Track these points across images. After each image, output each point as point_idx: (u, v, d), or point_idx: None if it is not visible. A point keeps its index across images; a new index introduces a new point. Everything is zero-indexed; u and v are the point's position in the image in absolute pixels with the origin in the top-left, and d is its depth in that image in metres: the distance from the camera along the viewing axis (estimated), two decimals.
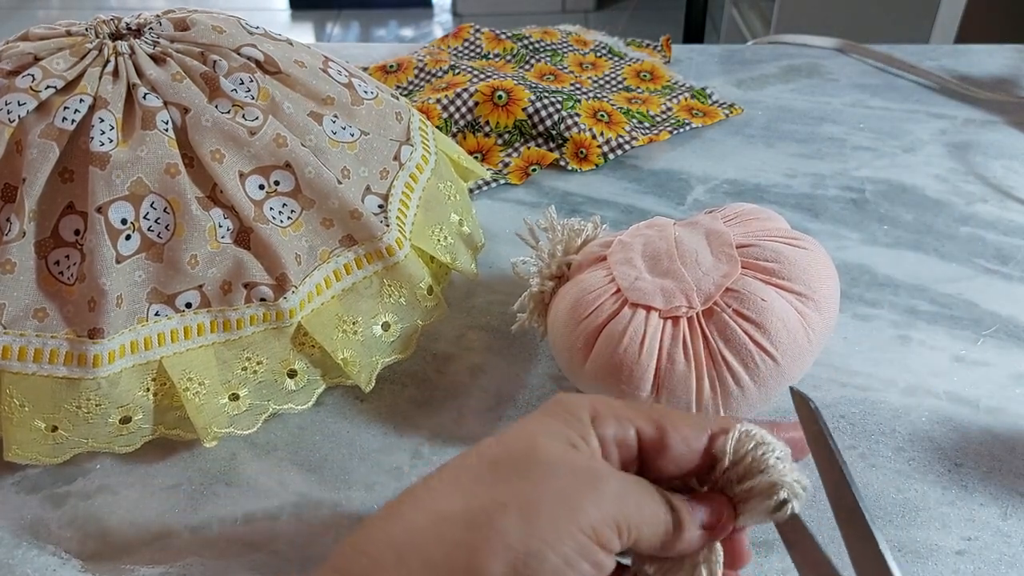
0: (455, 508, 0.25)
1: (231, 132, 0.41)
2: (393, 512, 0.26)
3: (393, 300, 0.46)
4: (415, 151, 0.49)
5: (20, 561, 0.40)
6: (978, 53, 0.85)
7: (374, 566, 0.25)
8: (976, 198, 0.63)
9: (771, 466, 0.28)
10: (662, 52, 0.85)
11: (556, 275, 0.46)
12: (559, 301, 0.44)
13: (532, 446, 0.27)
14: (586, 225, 0.48)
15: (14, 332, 0.40)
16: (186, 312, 0.41)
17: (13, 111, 0.40)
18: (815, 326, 0.41)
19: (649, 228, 0.46)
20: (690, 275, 0.42)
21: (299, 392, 0.45)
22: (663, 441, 0.28)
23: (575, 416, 0.28)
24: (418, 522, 0.25)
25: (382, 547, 0.25)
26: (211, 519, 0.42)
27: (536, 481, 0.26)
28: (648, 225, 0.46)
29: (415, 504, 0.26)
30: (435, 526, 0.25)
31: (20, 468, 0.44)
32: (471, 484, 0.26)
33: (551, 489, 0.25)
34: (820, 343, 0.42)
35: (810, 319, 0.41)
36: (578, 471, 0.26)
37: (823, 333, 0.42)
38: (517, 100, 0.69)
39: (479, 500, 0.25)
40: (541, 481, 0.26)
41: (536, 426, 0.28)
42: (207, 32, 0.43)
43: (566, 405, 0.28)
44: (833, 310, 0.43)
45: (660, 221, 0.46)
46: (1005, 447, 0.44)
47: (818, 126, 0.73)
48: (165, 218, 0.40)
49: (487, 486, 0.26)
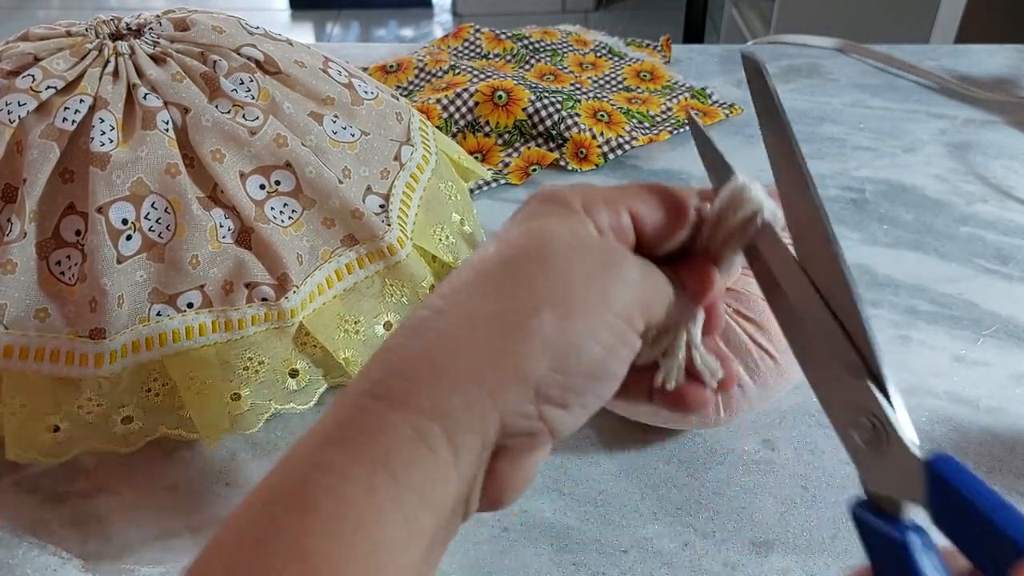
0: (487, 312, 0.24)
1: (231, 132, 0.41)
2: (418, 328, 0.25)
3: (395, 299, 0.46)
4: (416, 151, 0.49)
5: (20, 561, 0.40)
6: (978, 53, 0.85)
7: (412, 385, 0.23)
8: (976, 198, 0.63)
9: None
10: (662, 52, 0.85)
11: None
12: None
13: (544, 238, 0.25)
14: None
15: (16, 332, 0.40)
16: (188, 312, 0.41)
17: (13, 111, 0.40)
18: None
19: None
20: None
21: (301, 392, 0.45)
22: (655, 218, 0.28)
23: (569, 207, 0.27)
24: (450, 332, 0.24)
25: (416, 363, 0.24)
26: (211, 519, 0.42)
27: (562, 271, 0.25)
28: None
29: (440, 316, 0.25)
30: (470, 335, 0.24)
31: (20, 468, 0.44)
32: (496, 288, 0.25)
33: (578, 277, 0.25)
34: None
35: None
36: (598, 253, 0.26)
37: None
38: (517, 100, 0.69)
39: (509, 303, 0.24)
40: (567, 271, 0.25)
41: (539, 220, 0.26)
42: (207, 32, 0.43)
43: (556, 197, 0.27)
44: None
45: None
46: (1005, 447, 0.44)
47: (818, 126, 0.73)
48: (166, 218, 0.40)
49: (513, 287, 0.25)
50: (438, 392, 0.23)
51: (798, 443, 0.45)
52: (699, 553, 0.39)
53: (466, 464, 0.23)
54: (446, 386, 0.23)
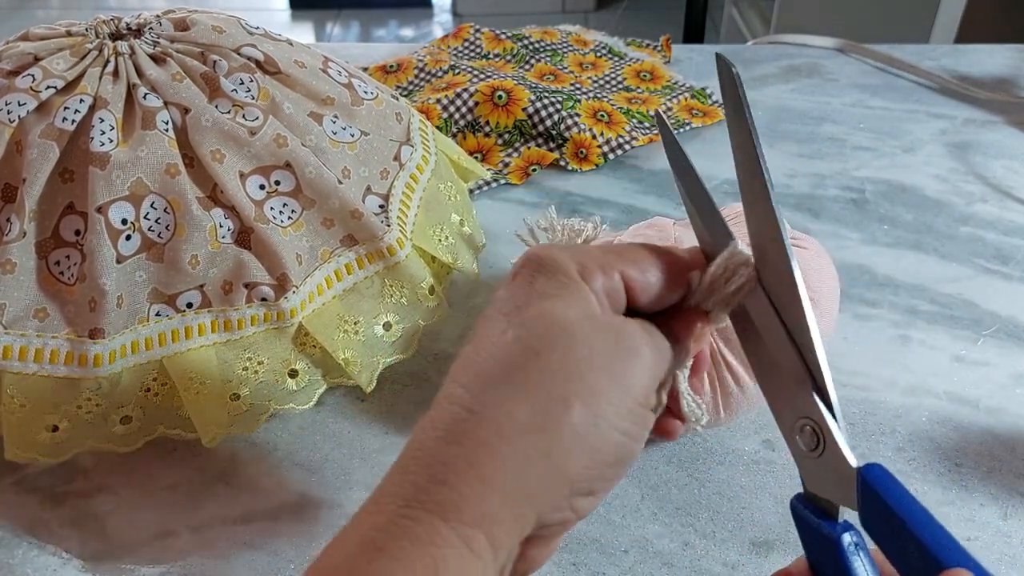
0: (523, 414, 0.25)
1: (231, 132, 0.41)
2: (456, 432, 0.25)
3: (394, 300, 0.46)
4: (415, 151, 0.49)
5: (20, 561, 0.40)
6: (978, 53, 0.85)
7: (459, 496, 0.24)
8: (976, 198, 0.63)
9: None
10: (662, 52, 0.85)
11: None
12: None
13: (562, 324, 0.26)
14: (586, 225, 0.48)
15: (15, 332, 0.40)
16: (187, 312, 0.41)
17: (13, 111, 0.40)
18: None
19: (649, 228, 0.46)
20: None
21: (300, 392, 0.45)
22: (647, 282, 0.28)
23: (569, 277, 0.27)
24: (490, 440, 0.24)
25: (462, 472, 0.24)
26: (211, 519, 0.42)
27: (584, 360, 0.25)
28: (648, 225, 0.46)
29: (477, 420, 0.25)
30: (510, 440, 0.24)
31: (20, 468, 0.44)
32: (525, 384, 0.25)
33: (600, 363, 0.25)
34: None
35: None
36: (612, 335, 0.26)
37: (824, 333, 0.42)
38: (517, 100, 0.69)
39: (542, 401, 0.25)
40: (588, 358, 0.25)
41: (548, 301, 0.27)
42: (207, 32, 0.43)
43: (554, 267, 0.27)
44: (833, 309, 0.43)
45: (660, 222, 0.46)
46: (1005, 447, 0.44)
47: (818, 126, 0.73)
48: (165, 218, 0.40)
49: (541, 381, 0.25)
50: (485, 502, 0.24)
51: None
52: (699, 553, 0.39)
53: (502, 558, 0.25)
54: (491, 495, 0.24)
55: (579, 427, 0.25)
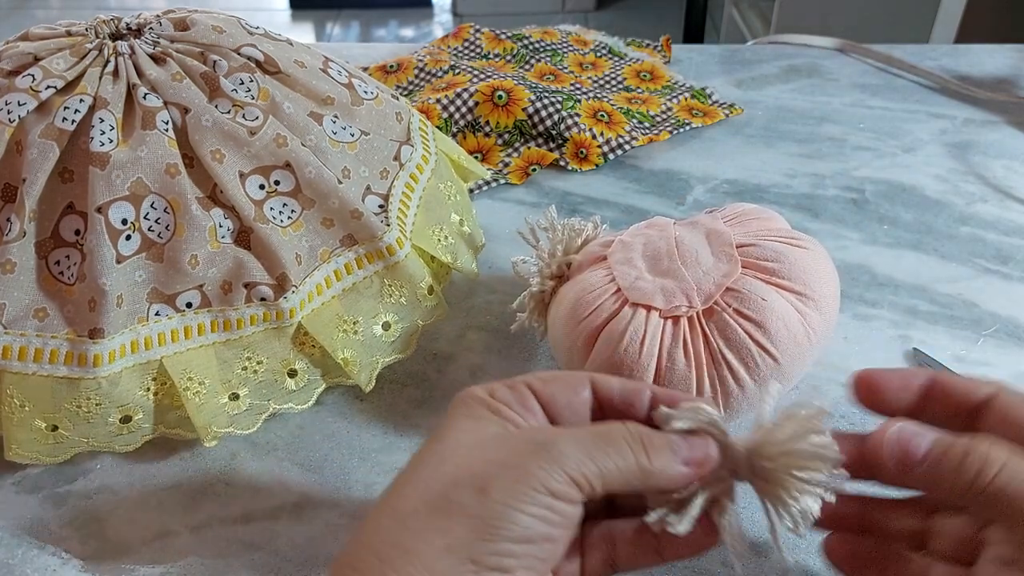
0: (417, 499, 0.29)
1: (231, 132, 0.41)
2: (373, 515, 0.29)
3: (393, 300, 0.46)
4: (415, 151, 0.49)
5: (20, 561, 0.40)
6: (978, 53, 0.85)
7: (381, 564, 0.27)
8: (976, 198, 0.63)
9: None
10: (662, 52, 0.85)
11: (556, 275, 0.46)
12: (559, 300, 0.44)
13: (450, 430, 0.31)
14: (586, 225, 0.48)
15: (14, 332, 0.40)
16: (186, 312, 0.41)
17: (13, 111, 0.40)
18: (815, 326, 0.41)
19: (649, 228, 0.46)
20: (690, 275, 0.42)
21: (299, 392, 0.45)
22: (550, 393, 0.32)
23: (478, 401, 0.32)
24: (393, 524, 0.28)
25: (377, 546, 0.28)
26: (211, 519, 0.42)
27: (474, 457, 0.29)
28: (648, 225, 0.46)
29: (386, 506, 0.29)
30: (406, 519, 0.28)
31: (20, 468, 0.44)
32: (418, 479, 0.30)
33: (493, 459, 0.29)
34: (821, 343, 0.42)
35: (810, 319, 0.41)
36: (519, 443, 0.29)
37: (823, 333, 0.42)
38: (517, 100, 0.69)
39: (434, 489, 0.29)
40: (479, 456, 0.29)
41: (454, 419, 0.32)
42: (207, 32, 0.43)
43: (467, 397, 0.32)
44: (833, 310, 0.43)
45: (660, 221, 0.46)
46: None
47: (818, 126, 0.73)
48: (165, 218, 0.40)
49: (433, 474, 0.29)
50: (396, 569, 0.27)
51: None
52: None
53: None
54: (399, 565, 0.27)
55: (465, 501, 0.28)
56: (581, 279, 0.44)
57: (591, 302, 0.42)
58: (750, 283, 0.41)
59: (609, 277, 0.43)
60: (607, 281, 0.43)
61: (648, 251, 0.44)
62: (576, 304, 0.42)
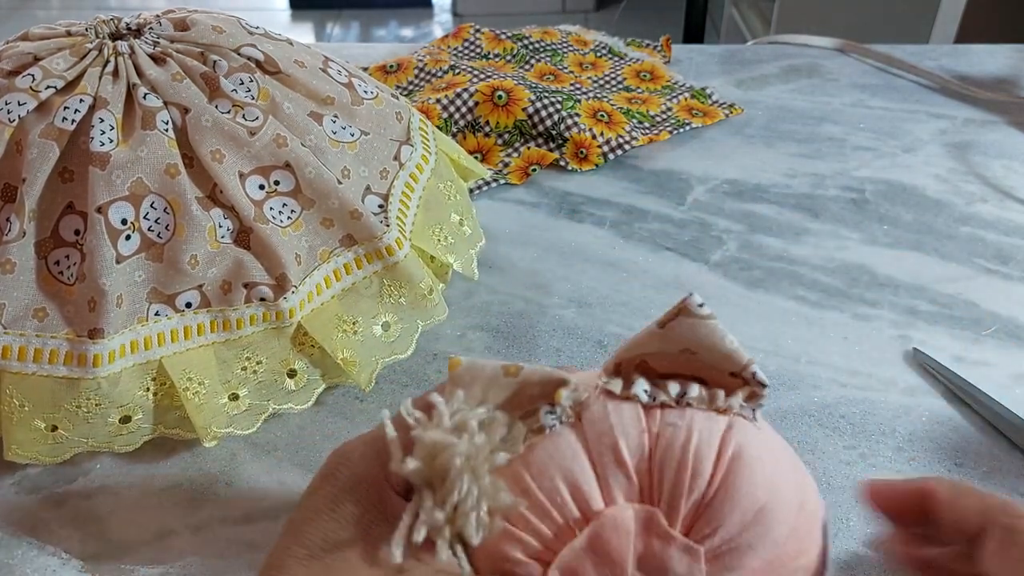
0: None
1: (231, 132, 0.41)
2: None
3: (393, 300, 0.46)
4: (415, 151, 0.49)
5: (20, 561, 0.40)
6: (978, 53, 0.85)
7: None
8: (976, 198, 0.63)
9: None
10: (662, 52, 0.85)
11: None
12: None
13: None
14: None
15: (14, 332, 0.40)
16: (186, 312, 0.41)
17: (13, 111, 0.40)
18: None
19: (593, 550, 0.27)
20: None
21: (299, 392, 0.45)
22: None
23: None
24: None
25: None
26: (211, 519, 0.42)
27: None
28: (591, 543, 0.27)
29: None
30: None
31: (20, 468, 0.44)
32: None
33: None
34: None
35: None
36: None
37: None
38: (517, 100, 0.69)
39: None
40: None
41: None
42: (207, 32, 0.43)
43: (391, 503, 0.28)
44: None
45: (613, 524, 0.27)
46: (1005, 447, 0.44)
47: (818, 126, 0.73)
48: (165, 218, 0.40)
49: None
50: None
51: (798, 443, 0.45)
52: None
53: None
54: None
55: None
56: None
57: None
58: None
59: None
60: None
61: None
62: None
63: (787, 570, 0.27)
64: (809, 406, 0.46)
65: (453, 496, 0.26)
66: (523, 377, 0.28)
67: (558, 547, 0.26)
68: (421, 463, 0.26)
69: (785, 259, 0.57)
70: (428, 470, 0.26)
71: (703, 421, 0.28)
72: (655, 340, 0.29)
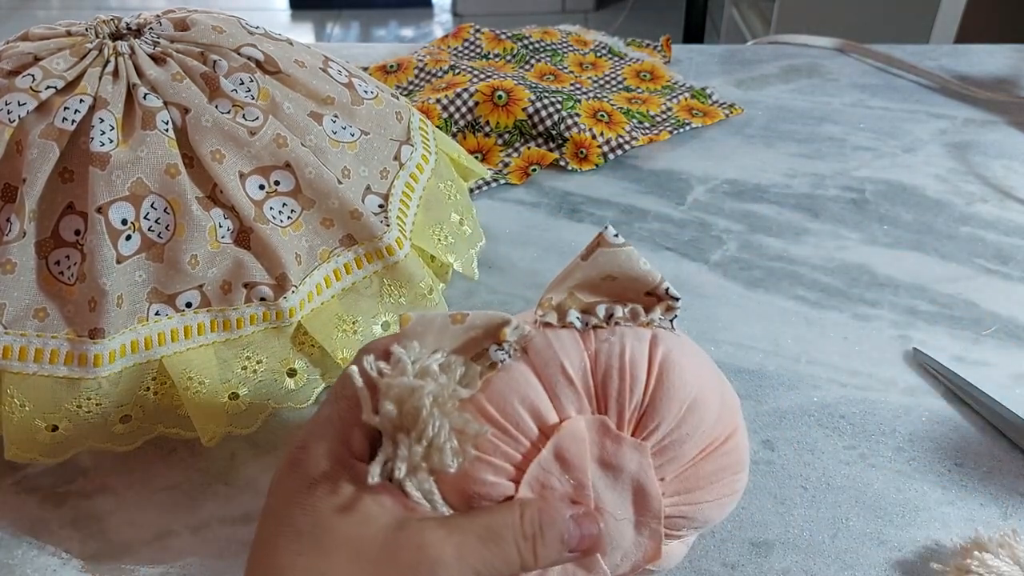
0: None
1: (231, 132, 0.41)
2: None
3: (393, 300, 0.46)
4: (415, 151, 0.49)
5: (20, 561, 0.40)
6: (978, 53, 0.85)
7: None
8: (976, 198, 0.63)
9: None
10: (662, 52, 0.85)
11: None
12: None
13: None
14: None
15: (14, 332, 0.40)
16: (186, 312, 0.41)
17: (13, 111, 0.40)
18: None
19: (561, 452, 0.30)
20: (607, 562, 0.32)
21: (299, 391, 0.45)
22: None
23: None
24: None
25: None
26: (211, 519, 0.42)
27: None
28: (559, 449, 0.30)
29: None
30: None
31: (20, 468, 0.44)
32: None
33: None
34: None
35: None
36: (400, 562, 0.27)
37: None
38: (517, 100, 0.69)
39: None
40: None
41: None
42: (207, 32, 0.43)
43: (353, 469, 0.29)
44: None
45: (572, 434, 0.30)
46: (1005, 447, 0.44)
47: (818, 126, 0.73)
48: (165, 218, 0.40)
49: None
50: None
51: (798, 443, 0.45)
52: (699, 553, 0.39)
53: None
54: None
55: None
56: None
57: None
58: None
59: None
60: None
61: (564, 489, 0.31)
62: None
63: (718, 453, 0.32)
64: (809, 406, 0.47)
65: (428, 431, 0.28)
66: (469, 323, 0.31)
67: (525, 465, 0.30)
68: (393, 408, 0.28)
69: (785, 259, 0.57)
70: (399, 414, 0.28)
71: (632, 335, 0.31)
72: (580, 271, 0.32)
